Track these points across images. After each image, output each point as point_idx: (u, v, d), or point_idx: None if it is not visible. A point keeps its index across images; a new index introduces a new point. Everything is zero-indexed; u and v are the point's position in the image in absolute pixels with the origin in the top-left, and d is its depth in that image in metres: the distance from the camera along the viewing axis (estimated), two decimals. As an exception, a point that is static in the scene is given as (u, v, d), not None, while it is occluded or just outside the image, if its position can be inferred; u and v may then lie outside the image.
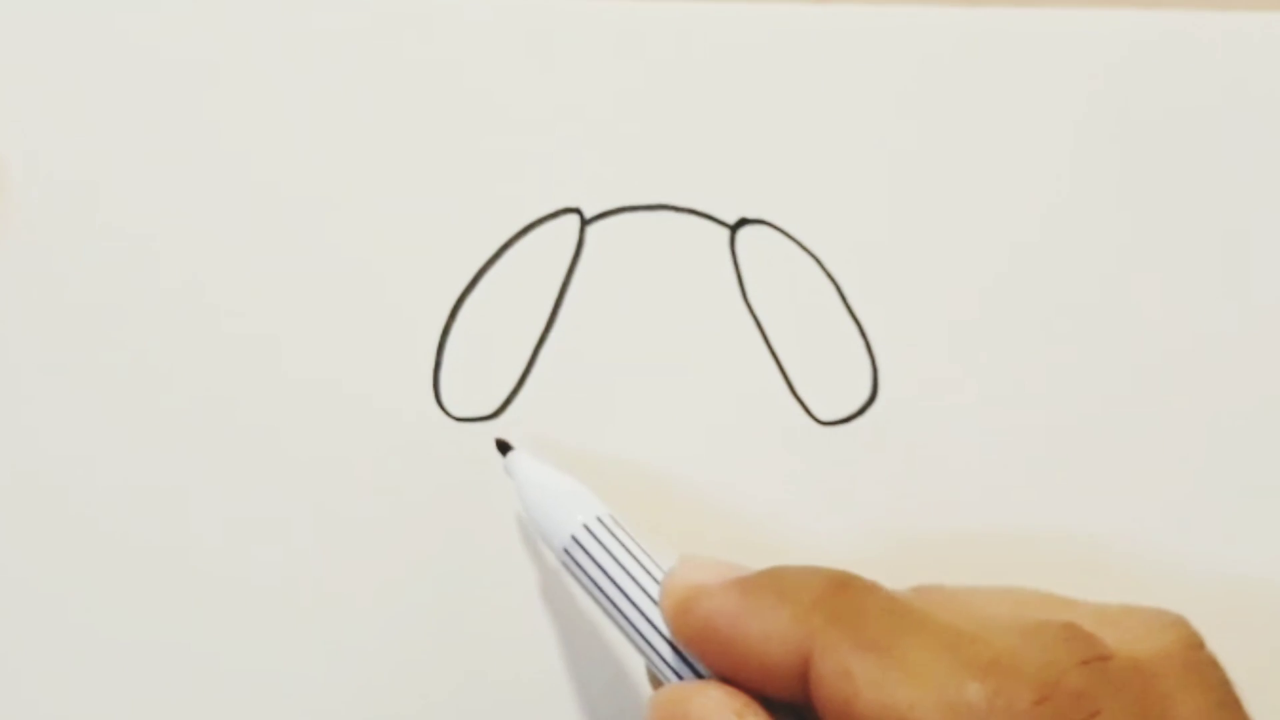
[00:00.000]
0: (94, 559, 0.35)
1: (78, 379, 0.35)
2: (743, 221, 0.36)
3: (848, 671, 0.26)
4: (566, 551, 0.31)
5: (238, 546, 0.35)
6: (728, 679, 0.28)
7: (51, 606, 0.34)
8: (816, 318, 0.36)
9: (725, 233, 0.36)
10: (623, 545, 0.30)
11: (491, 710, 0.35)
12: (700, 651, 0.28)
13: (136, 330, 0.35)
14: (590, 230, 0.36)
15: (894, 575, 0.35)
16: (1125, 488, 0.36)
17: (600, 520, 0.31)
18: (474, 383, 0.35)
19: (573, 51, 0.36)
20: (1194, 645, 0.27)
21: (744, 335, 0.36)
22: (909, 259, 0.36)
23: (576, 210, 0.36)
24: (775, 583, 0.28)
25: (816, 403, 0.36)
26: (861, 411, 0.36)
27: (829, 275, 0.36)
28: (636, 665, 0.34)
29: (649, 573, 0.30)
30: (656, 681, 0.30)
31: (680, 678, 0.29)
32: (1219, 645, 0.28)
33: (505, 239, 0.36)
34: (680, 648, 0.29)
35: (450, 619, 0.35)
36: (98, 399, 0.35)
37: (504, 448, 0.33)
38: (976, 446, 0.36)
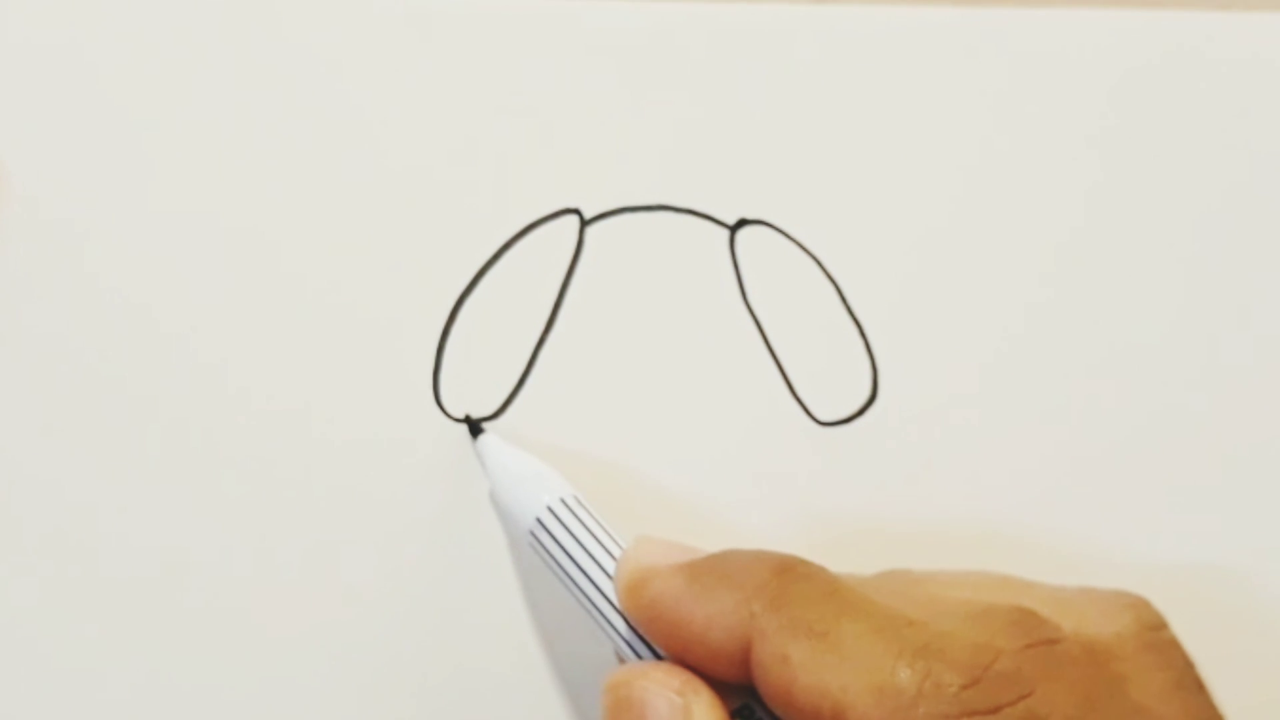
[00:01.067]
0: (86, 562, 0.35)
1: (75, 379, 0.35)
2: (742, 222, 0.36)
3: (785, 657, 0.26)
4: (532, 533, 0.31)
5: (235, 547, 0.35)
6: (679, 660, 0.28)
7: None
8: (816, 318, 0.36)
9: (725, 233, 0.36)
10: (585, 527, 0.31)
11: (489, 709, 0.35)
12: (650, 633, 0.29)
13: (136, 330, 0.35)
14: (590, 231, 0.36)
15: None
16: (1126, 489, 0.36)
17: (564, 502, 0.31)
18: (474, 383, 0.35)
19: (573, 51, 0.36)
20: (1153, 626, 0.27)
21: (744, 336, 0.36)
22: (909, 259, 0.36)
23: (576, 211, 0.36)
24: (720, 567, 0.28)
25: (816, 403, 0.36)
26: (861, 412, 0.36)
27: (829, 275, 0.36)
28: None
29: (610, 554, 0.30)
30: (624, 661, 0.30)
31: (640, 658, 0.29)
32: (1208, 633, 0.28)
33: (505, 239, 0.36)
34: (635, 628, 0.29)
35: (449, 618, 0.35)
36: (96, 400, 0.35)
37: (475, 430, 0.34)
38: (976, 447, 0.36)
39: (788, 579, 0.27)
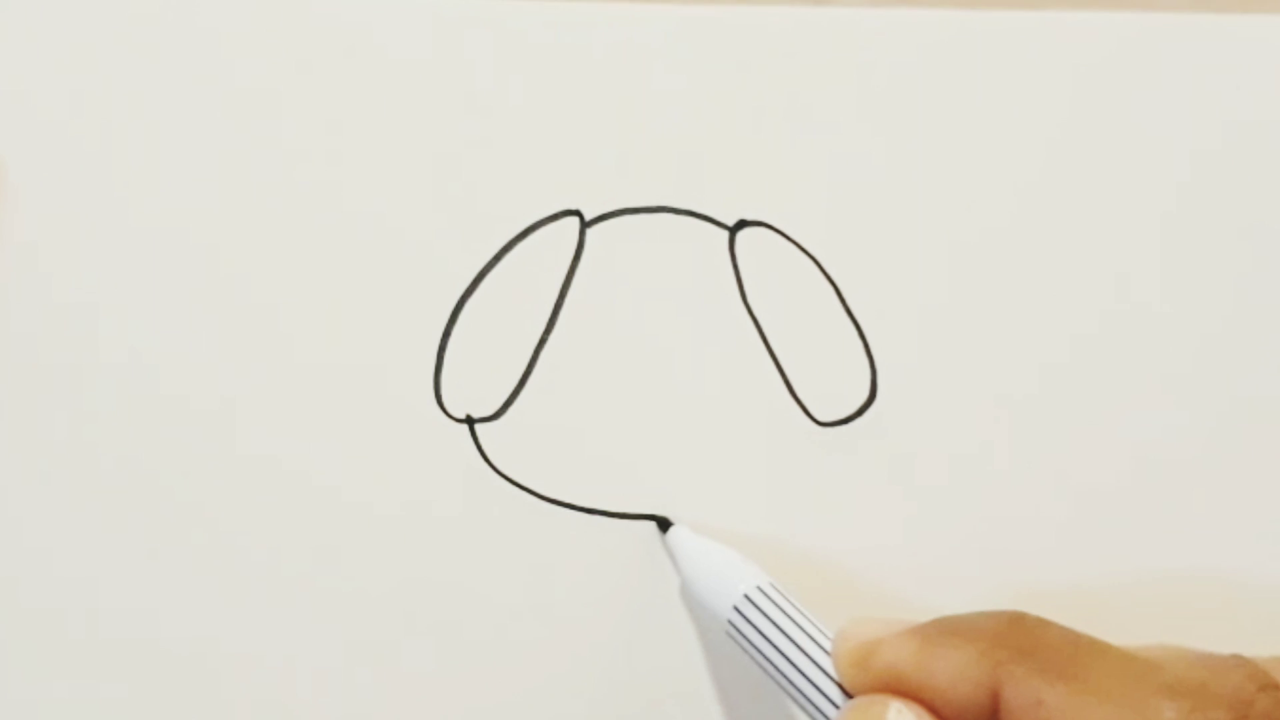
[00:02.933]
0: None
1: (74, 381, 0.35)
2: (742, 223, 0.36)
3: (1040, 701, 0.26)
4: (738, 609, 0.32)
5: (233, 549, 0.35)
6: None
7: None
8: (816, 319, 0.36)
9: (725, 234, 0.36)
10: (795, 606, 0.31)
11: (495, 709, 0.35)
12: None
13: (136, 332, 0.35)
14: (591, 232, 0.36)
15: (895, 575, 0.35)
16: (1126, 490, 0.36)
17: (773, 586, 0.32)
18: (474, 384, 0.35)
19: (573, 52, 0.36)
20: None
21: (743, 337, 0.36)
22: (909, 260, 0.36)
23: (577, 212, 0.36)
24: (950, 626, 0.28)
25: (816, 404, 0.36)
26: (861, 412, 0.36)
27: (828, 276, 0.36)
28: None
29: (821, 629, 0.31)
30: None
31: None
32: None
33: (506, 241, 0.36)
34: None
35: (448, 616, 0.35)
36: (95, 404, 0.35)
37: (664, 525, 0.35)
38: (976, 447, 0.36)
39: (1026, 627, 0.28)
